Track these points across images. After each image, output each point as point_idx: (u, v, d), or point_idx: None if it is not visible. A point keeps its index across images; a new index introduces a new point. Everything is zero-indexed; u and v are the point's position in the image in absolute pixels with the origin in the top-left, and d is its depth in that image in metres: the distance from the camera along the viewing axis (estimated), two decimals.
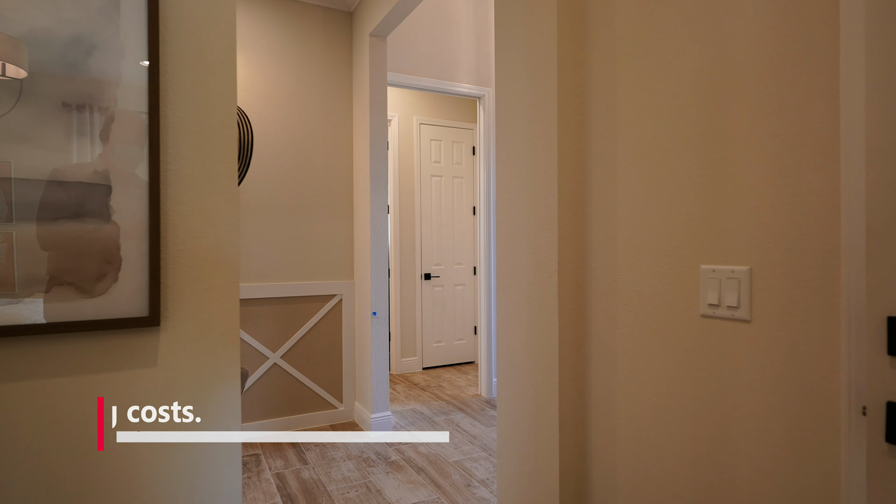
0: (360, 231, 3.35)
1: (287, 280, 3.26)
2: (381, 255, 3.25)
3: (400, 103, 4.77)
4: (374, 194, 3.21)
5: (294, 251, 3.29)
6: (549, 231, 1.38)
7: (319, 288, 3.36)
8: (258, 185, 3.17)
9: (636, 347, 1.23)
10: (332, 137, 3.40)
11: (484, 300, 4.04)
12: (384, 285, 3.26)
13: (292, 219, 3.28)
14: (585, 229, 1.36)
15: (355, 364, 3.45)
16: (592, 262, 1.34)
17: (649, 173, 1.18)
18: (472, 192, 5.11)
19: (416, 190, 4.84)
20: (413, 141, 4.83)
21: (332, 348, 3.41)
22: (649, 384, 1.19)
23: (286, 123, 3.25)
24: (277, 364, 3.22)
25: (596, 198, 1.33)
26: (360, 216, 3.34)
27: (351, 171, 3.47)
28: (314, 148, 3.35)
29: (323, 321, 3.38)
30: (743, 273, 1.01)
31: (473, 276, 5.13)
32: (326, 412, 3.38)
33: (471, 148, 5.12)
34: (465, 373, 4.79)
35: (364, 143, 3.25)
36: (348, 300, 3.45)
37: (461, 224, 5.08)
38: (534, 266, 1.45)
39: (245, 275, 3.14)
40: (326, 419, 3.38)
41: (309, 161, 3.33)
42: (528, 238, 1.48)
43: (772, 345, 0.96)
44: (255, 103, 3.15)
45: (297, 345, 3.29)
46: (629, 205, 1.24)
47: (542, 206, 1.42)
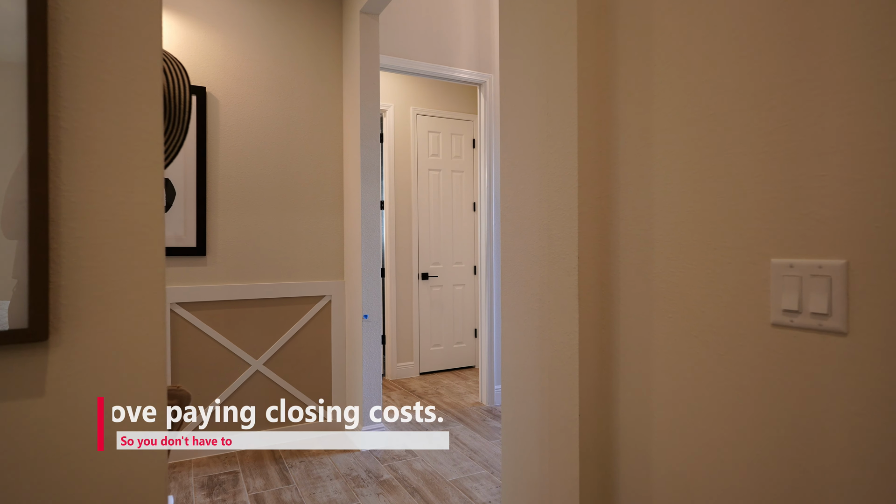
0: (350, 227, 3.09)
1: (271, 280, 3.00)
2: (374, 254, 2.99)
3: (396, 93, 4.51)
4: (365, 187, 2.95)
5: (279, 249, 3.03)
6: (567, 219, 1.12)
7: (307, 288, 3.09)
8: (238, 176, 2.91)
9: (679, 364, 0.97)
10: (320, 125, 3.14)
11: (485, 301, 3.78)
12: (377, 285, 3.00)
13: (277, 213, 3.02)
14: (612, 216, 1.09)
15: (346, 371, 3.19)
16: (621, 257, 1.08)
17: (697, 142, 0.92)
18: (472, 187, 4.85)
19: (412, 185, 4.57)
20: (410, 133, 4.57)
21: (320, 354, 3.15)
22: (700, 416, 0.93)
23: (269, 109, 2.99)
24: (260, 372, 2.96)
25: (625, 177, 1.06)
26: (351, 211, 3.07)
27: (341, 162, 3.21)
28: (301, 136, 3.08)
29: (311, 324, 3.12)
30: (836, 269, 0.74)
31: (473, 275, 4.87)
32: (314, 423, 3.11)
33: (470, 141, 4.86)
34: (465, 378, 4.52)
35: (355, 132, 2.99)
36: (338, 301, 3.18)
37: (460, 221, 4.82)
38: (547, 262, 1.19)
39: (224, 274, 2.87)
40: (314, 430, 3.11)
41: (295, 151, 3.07)
42: (539, 229, 1.21)
43: (879, 366, 0.70)
44: (233, 86, 2.89)
45: (282, 350, 3.02)
46: (669, 184, 0.97)
47: (557, 189, 1.15)
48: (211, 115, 2.83)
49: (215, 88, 2.84)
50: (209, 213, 2.83)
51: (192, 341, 2.79)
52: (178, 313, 2.75)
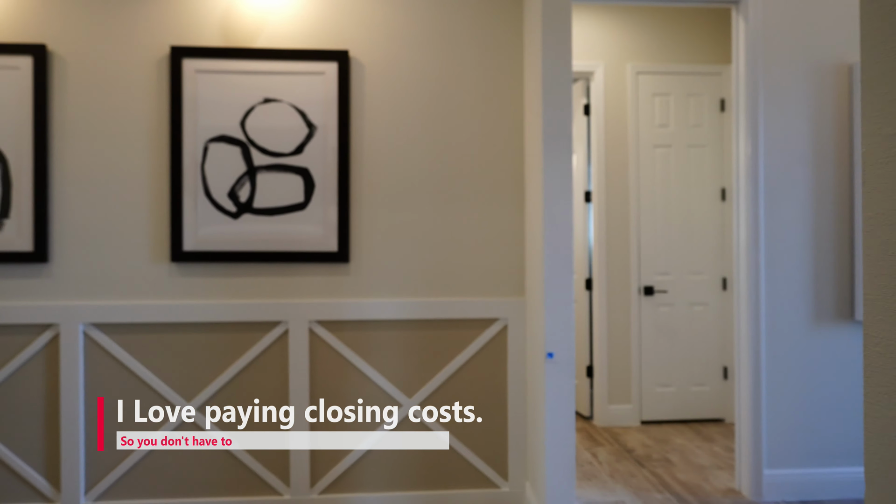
0: (534, 226, 2.18)
1: (426, 295, 2.29)
2: (562, 263, 2.02)
3: (607, 47, 3.41)
4: (550, 172, 2.01)
5: (435, 255, 2.29)
6: None
7: (473, 308, 2.29)
8: (387, 161, 2.27)
9: None
10: (491, 87, 2.31)
11: (746, 329, 2.45)
12: (567, 307, 2.02)
13: (435, 208, 2.29)
14: None
15: (526, 423, 2.29)
16: None
17: None
18: (719, 166, 3.44)
19: (630, 167, 3.41)
20: (627, 99, 3.42)
21: (492, 397, 2.31)
22: None
23: (427, 72, 2.28)
24: (413, 413, 2.26)
25: None
26: (535, 204, 2.16)
27: (521, 138, 2.32)
28: (464, 103, 2.30)
29: (479, 357, 2.31)
30: None
31: (722, 291, 3.45)
32: (483, 492, 2.28)
33: (716, 102, 3.46)
34: (710, 439, 3.16)
35: (537, 96, 2.07)
36: (517, 327, 2.30)
37: (701, 215, 3.45)
38: None
39: (369, 286, 2.26)
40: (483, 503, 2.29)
41: (457, 123, 2.30)
42: None
43: None
44: (381, 47, 2.25)
45: (441, 389, 2.28)
46: None
47: None
48: (355, 84, 2.25)
49: (360, 51, 2.25)
50: (353, 208, 2.25)
51: (332, 370, 2.25)
52: (318, 334, 2.23)
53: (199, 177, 2.16)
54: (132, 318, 2.15)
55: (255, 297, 2.20)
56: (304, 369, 2.20)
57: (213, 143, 2.17)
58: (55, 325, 2.11)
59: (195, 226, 2.16)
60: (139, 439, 2.10)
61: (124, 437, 2.07)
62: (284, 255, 2.20)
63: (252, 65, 2.18)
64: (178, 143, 2.15)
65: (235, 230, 2.18)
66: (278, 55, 2.19)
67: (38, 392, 2.13)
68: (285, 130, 2.19)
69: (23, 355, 2.10)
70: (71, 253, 2.14)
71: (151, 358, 2.16)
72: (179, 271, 2.19)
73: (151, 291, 2.17)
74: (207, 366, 2.18)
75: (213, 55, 2.16)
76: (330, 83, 2.20)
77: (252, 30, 2.21)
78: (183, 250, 2.16)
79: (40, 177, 2.09)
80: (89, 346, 2.14)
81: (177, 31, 2.18)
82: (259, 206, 2.19)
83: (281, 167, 2.19)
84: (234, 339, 2.19)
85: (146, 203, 2.18)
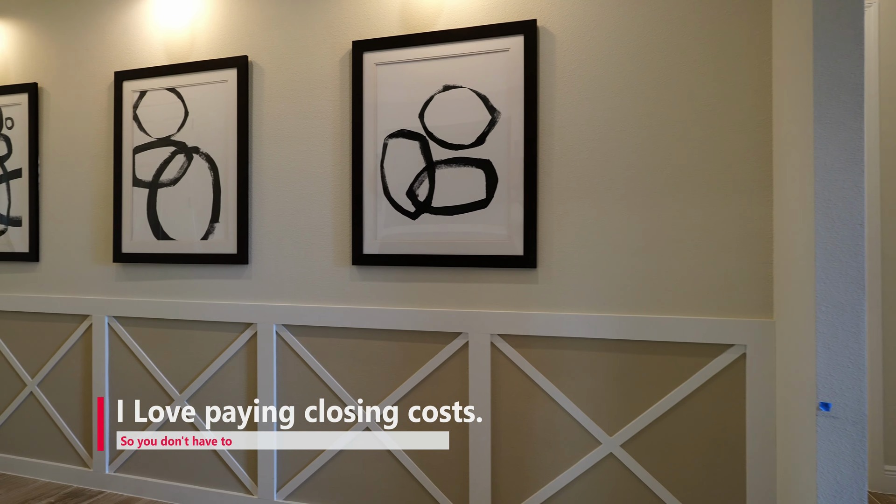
0: (794, 221, 1.58)
1: (630, 311, 1.83)
2: (844, 273, 1.39)
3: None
4: (823, 143, 1.40)
5: (643, 260, 1.82)
6: None
7: (696, 329, 1.77)
8: (582, 147, 1.88)
9: None
10: (725, 43, 1.76)
11: None
12: (856, 339, 1.39)
13: (641, 202, 1.82)
14: None
15: (776, 496, 1.68)
16: None
17: None
18: None
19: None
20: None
21: (723, 450, 1.76)
22: None
23: (625, 33, 1.83)
24: (614, 455, 1.83)
25: None
26: (788, 195, 1.57)
27: (769, 105, 1.73)
28: (686, 67, 1.79)
29: (704, 393, 1.77)
30: None
31: None
32: None
33: None
34: None
35: (806, 32, 1.47)
36: (761, 357, 1.71)
37: None
38: None
39: (561, 297, 1.90)
40: None
41: (675, 93, 1.80)
42: None
43: None
44: (574, 12, 1.87)
45: (651, 428, 1.81)
46: None
47: None
48: (544, 58, 1.91)
49: (549, 19, 1.90)
50: (541, 204, 1.91)
51: (516, 391, 1.94)
52: (501, 349, 1.94)
53: (378, 176, 2.05)
54: (317, 321, 2.13)
55: (434, 303, 2.01)
56: (484, 388, 1.94)
57: (391, 138, 2.03)
58: (253, 324, 2.20)
59: (375, 227, 2.05)
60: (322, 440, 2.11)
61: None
62: (464, 259, 1.96)
63: (430, 50, 1.99)
64: (359, 141, 2.07)
65: (414, 231, 2.02)
66: (457, 36, 1.96)
67: (239, 385, 2.24)
68: (466, 119, 1.95)
69: (231, 349, 2.24)
70: (266, 255, 2.21)
71: (331, 361, 2.12)
72: (360, 275, 2.10)
73: (334, 295, 2.13)
74: (385, 374, 2.06)
75: (392, 45, 2.03)
76: (514, 61, 1.90)
77: (431, 11, 2.02)
78: (363, 253, 2.07)
79: (242, 182, 2.19)
80: (280, 346, 2.18)
81: (358, 25, 2.11)
82: (438, 205, 1.99)
83: (461, 160, 1.96)
84: (413, 349, 2.03)
85: (330, 204, 2.14)
